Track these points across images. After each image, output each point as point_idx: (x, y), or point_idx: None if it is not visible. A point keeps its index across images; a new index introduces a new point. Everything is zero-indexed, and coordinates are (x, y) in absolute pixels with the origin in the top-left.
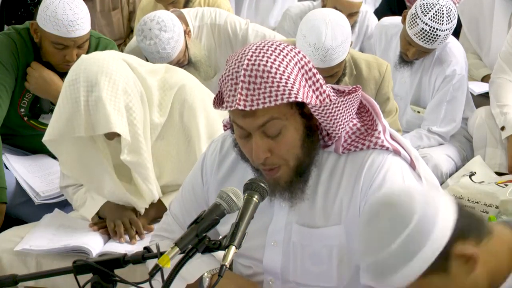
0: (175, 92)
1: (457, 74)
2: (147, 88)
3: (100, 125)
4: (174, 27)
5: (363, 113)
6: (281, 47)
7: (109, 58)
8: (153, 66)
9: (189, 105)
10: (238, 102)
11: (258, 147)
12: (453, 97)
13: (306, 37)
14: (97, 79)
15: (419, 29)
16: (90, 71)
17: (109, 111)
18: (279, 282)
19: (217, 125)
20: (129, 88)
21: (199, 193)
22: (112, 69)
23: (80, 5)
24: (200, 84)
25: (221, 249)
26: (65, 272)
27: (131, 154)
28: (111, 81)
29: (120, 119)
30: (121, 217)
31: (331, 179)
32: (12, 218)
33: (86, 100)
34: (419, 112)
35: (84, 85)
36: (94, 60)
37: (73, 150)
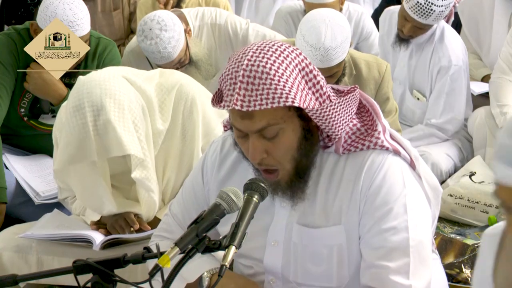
0: (174, 93)
1: (453, 65)
2: (147, 99)
3: (114, 148)
4: (175, 26)
5: (363, 113)
6: (282, 48)
7: (109, 78)
8: (148, 74)
9: (188, 103)
10: (235, 102)
11: (255, 148)
12: (452, 89)
13: (305, 37)
14: (102, 102)
15: (415, 3)
16: (93, 95)
17: (120, 133)
18: (279, 281)
19: (213, 123)
20: (133, 104)
21: (200, 193)
22: (115, 88)
23: (80, 6)
24: (195, 82)
25: (221, 249)
26: (65, 272)
27: (139, 170)
28: (116, 102)
29: (131, 139)
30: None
31: (331, 179)
32: (12, 218)
33: (94, 124)
34: (419, 99)
35: (90, 110)
36: (95, 82)
37: (74, 177)
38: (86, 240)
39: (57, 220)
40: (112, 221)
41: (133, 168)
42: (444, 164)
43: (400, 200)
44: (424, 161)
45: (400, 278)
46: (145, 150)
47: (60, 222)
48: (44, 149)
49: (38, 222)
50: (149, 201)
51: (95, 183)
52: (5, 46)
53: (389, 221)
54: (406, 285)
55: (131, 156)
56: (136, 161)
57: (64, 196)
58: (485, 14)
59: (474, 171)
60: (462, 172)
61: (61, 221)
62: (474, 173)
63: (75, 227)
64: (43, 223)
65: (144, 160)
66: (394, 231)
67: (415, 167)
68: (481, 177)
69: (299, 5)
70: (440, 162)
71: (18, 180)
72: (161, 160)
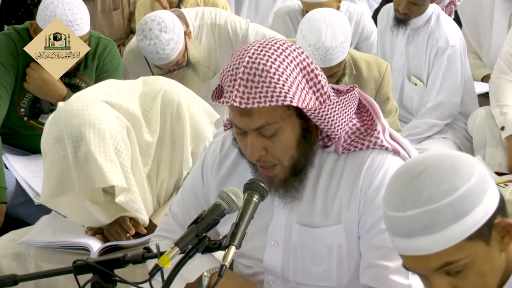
0: (160, 100)
1: (450, 46)
2: (131, 117)
3: (96, 180)
4: (175, 28)
5: (362, 113)
6: (284, 47)
7: (87, 105)
8: (131, 85)
9: (174, 108)
10: (234, 99)
11: (253, 145)
12: (447, 70)
13: (306, 37)
14: (82, 132)
15: None
16: (72, 125)
17: (101, 164)
18: (279, 281)
19: (202, 125)
20: (114, 130)
21: (199, 193)
22: (94, 116)
23: (80, 5)
24: (180, 86)
25: (221, 249)
26: (65, 272)
27: (124, 195)
28: (96, 131)
29: (114, 169)
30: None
31: (330, 178)
32: (12, 218)
33: (75, 156)
34: (416, 85)
35: (70, 141)
36: (74, 112)
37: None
38: (83, 248)
39: (54, 224)
40: (108, 227)
41: (117, 194)
42: None
43: None
44: None
45: (399, 277)
46: (128, 174)
47: (57, 226)
48: None
49: (35, 227)
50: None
51: (83, 206)
52: (5, 46)
53: None
54: (405, 285)
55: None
56: (119, 189)
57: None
58: (485, 14)
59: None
60: None
61: (58, 224)
62: None
63: (72, 231)
64: (39, 227)
65: (128, 184)
66: None
67: None
68: None
69: (298, 5)
70: None
71: (18, 180)
72: (154, 165)
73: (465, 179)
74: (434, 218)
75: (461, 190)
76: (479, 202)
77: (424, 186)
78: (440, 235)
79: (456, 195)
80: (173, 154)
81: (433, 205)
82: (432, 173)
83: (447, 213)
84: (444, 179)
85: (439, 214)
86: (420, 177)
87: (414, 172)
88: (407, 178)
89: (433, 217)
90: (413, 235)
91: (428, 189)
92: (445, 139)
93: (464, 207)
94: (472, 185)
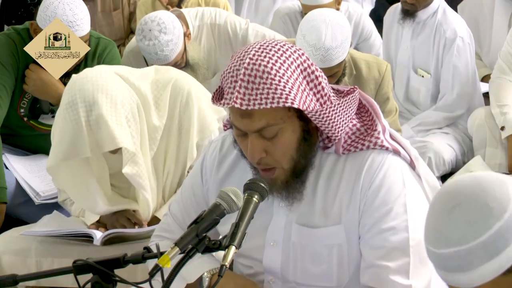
0: (170, 88)
1: (459, 37)
2: (141, 96)
3: (106, 142)
4: (174, 30)
5: (362, 113)
6: (284, 48)
7: (101, 74)
8: (143, 71)
9: (184, 97)
10: (235, 100)
11: (254, 147)
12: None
13: (306, 37)
14: (95, 97)
15: None
16: (86, 91)
17: (112, 127)
18: (279, 281)
19: (209, 118)
20: (125, 100)
21: (199, 193)
22: (107, 84)
23: (80, 6)
24: (191, 77)
25: (221, 249)
26: (65, 272)
27: (130, 166)
28: (109, 97)
29: (124, 133)
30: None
31: (330, 179)
32: (12, 218)
33: (87, 120)
34: (423, 76)
35: (83, 106)
36: (88, 79)
37: (66, 175)
38: (86, 235)
39: (56, 221)
40: (112, 221)
41: (124, 163)
42: (446, 153)
43: (400, 200)
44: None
45: (400, 278)
46: (137, 146)
47: (59, 223)
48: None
49: (38, 224)
50: (142, 200)
51: (86, 182)
52: (5, 46)
53: (389, 221)
54: (406, 285)
55: (123, 151)
56: (127, 156)
57: (63, 198)
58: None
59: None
60: (462, 172)
61: (60, 222)
62: None
63: (75, 228)
64: (42, 224)
65: (136, 155)
66: (394, 231)
67: (415, 167)
68: None
69: (297, 5)
70: (442, 151)
71: (18, 180)
72: (161, 155)
73: (497, 218)
74: (467, 258)
75: (493, 229)
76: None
77: (456, 225)
78: (474, 273)
79: (487, 235)
80: (179, 143)
81: (464, 246)
82: (464, 211)
83: (479, 253)
84: (476, 219)
85: (472, 254)
86: (452, 215)
87: (448, 206)
88: (441, 214)
89: (466, 257)
90: (449, 271)
91: (460, 229)
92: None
93: (497, 246)
94: (504, 222)
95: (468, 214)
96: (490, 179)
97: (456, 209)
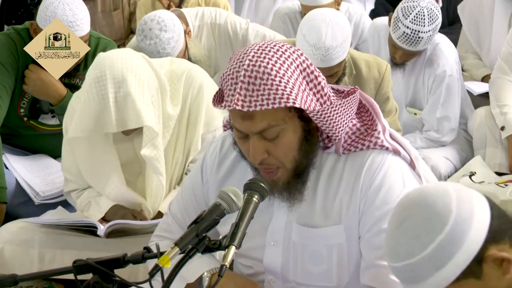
0: (184, 79)
1: (448, 75)
2: (160, 81)
3: (131, 120)
4: (175, 27)
5: (362, 113)
6: (283, 49)
7: (130, 54)
8: (159, 60)
9: (196, 88)
10: (236, 102)
11: (255, 148)
12: (446, 100)
13: (306, 37)
14: (124, 75)
15: (401, 33)
16: (115, 68)
17: (139, 105)
18: (279, 281)
19: (216, 112)
20: (151, 82)
21: (199, 193)
22: (136, 64)
23: (80, 6)
24: (203, 70)
25: (221, 249)
26: (65, 272)
27: (150, 148)
28: (137, 77)
29: (150, 113)
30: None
31: (331, 179)
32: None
33: (114, 96)
34: (416, 114)
35: (111, 82)
36: (117, 57)
37: (86, 148)
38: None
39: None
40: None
41: (144, 145)
42: (443, 167)
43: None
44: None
45: None
46: (160, 127)
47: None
48: (44, 149)
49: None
50: (157, 185)
51: (105, 157)
52: (5, 46)
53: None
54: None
55: (144, 131)
56: (148, 137)
57: (70, 188)
58: (485, 14)
59: (474, 171)
60: (462, 172)
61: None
62: (474, 173)
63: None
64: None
65: (157, 136)
66: None
67: (415, 167)
68: (481, 177)
69: (297, 6)
70: (439, 165)
71: (18, 180)
72: (172, 144)
73: (439, 231)
74: (416, 270)
75: (436, 242)
76: (458, 247)
77: (403, 240)
78: (425, 284)
79: (431, 248)
80: (187, 133)
81: (412, 259)
82: (409, 226)
83: (426, 265)
84: (419, 233)
85: (420, 267)
86: (399, 230)
87: (397, 222)
88: (391, 229)
89: (415, 270)
90: (405, 282)
91: (407, 244)
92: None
93: (442, 257)
94: (446, 235)
95: (413, 229)
96: (435, 192)
97: (403, 224)
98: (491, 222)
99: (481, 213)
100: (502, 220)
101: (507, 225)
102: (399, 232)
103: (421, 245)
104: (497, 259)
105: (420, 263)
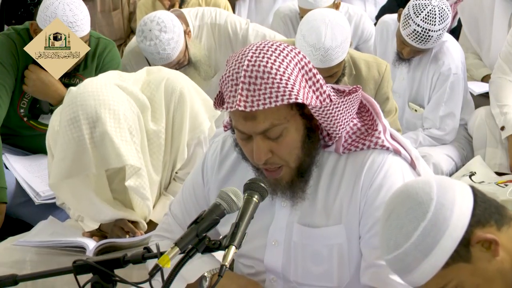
0: (163, 88)
1: (453, 74)
2: (140, 104)
3: (112, 160)
4: (174, 28)
5: (363, 113)
6: (281, 48)
7: (101, 87)
8: (135, 76)
9: (176, 96)
10: (238, 103)
11: (259, 149)
12: (450, 98)
13: (305, 37)
14: (98, 113)
15: (412, 30)
16: (88, 106)
17: (117, 143)
18: (280, 281)
19: (200, 117)
20: (127, 112)
21: (200, 193)
22: (109, 98)
23: (80, 6)
24: (183, 75)
25: (221, 249)
26: (65, 272)
27: (134, 179)
28: (111, 112)
29: (129, 149)
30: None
31: (331, 179)
32: (12, 218)
33: (91, 137)
34: (416, 111)
35: (86, 122)
36: (89, 94)
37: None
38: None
39: (51, 228)
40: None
41: (128, 177)
42: (445, 165)
43: None
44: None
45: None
46: (141, 160)
47: (54, 229)
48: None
49: (32, 231)
50: (143, 207)
51: (88, 196)
52: (5, 46)
53: None
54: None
55: (127, 168)
56: (131, 170)
57: (61, 202)
58: (485, 14)
59: (474, 171)
60: (462, 172)
61: (55, 228)
62: (474, 173)
63: (69, 234)
64: (37, 231)
65: (140, 169)
66: None
67: (415, 167)
68: (481, 177)
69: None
70: (441, 163)
71: (18, 180)
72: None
73: (421, 218)
74: (405, 260)
75: (419, 230)
76: (442, 232)
77: (390, 232)
78: (417, 272)
79: (415, 236)
80: (173, 143)
81: (400, 250)
82: (394, 218)
83: (414, 254)
84: (403, 223)
85: (408, 256)
86: (387, 223)
87: (385, 216)
88: (381, 224)
89: (404, 259)
90: (399, 274)
91: (394, 235)
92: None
93: (427, 244)
94: (428, 222)
95: (398, 220)
96: (416, 184)
97: (389, 217)
98: (475, 206)
99: (463, 198)
100: (487, 205)
101: (492, 209)
102: (387, 226)
103: (406, 234)
104: (485, 241)
105: (408, 253)
